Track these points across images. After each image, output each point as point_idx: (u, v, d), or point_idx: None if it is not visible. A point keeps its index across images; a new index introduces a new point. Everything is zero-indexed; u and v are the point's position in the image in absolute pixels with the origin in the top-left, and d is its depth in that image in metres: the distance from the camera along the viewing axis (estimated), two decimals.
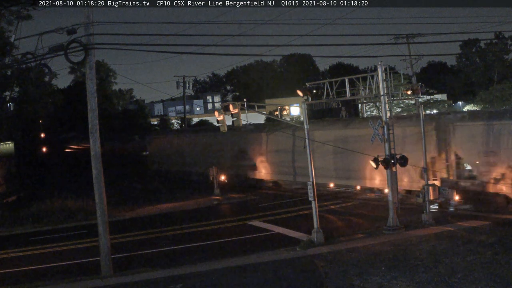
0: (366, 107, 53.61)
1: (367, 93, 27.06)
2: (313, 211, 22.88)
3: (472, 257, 18.45)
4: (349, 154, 31.00)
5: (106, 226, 20.50)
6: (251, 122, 32.54)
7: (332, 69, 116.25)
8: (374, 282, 16.72)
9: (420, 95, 27.67)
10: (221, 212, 34.17)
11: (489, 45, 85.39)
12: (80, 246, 26.26)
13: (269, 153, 40.66)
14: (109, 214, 21.83)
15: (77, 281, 20.00)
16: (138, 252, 24.23)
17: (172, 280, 18.81)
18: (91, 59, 20.09)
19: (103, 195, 20.49)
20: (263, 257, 21.29)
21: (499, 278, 16.07)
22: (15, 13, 38.85)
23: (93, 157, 20.47)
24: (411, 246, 20.79)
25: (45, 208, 34.48)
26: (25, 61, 22.82)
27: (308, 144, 23.44)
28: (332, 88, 26.78)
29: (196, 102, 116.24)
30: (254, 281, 18.14)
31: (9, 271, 22.43)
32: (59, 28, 19.39)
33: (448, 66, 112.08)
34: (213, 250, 23.53)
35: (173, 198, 39.55)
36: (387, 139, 23.78)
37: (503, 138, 26.60)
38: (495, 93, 63.71)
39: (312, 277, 18.02)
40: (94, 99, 20.40)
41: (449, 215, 26.33)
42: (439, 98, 75.22)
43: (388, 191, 24.29)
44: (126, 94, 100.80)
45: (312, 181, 22.99)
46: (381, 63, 24.38)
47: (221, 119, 25.28)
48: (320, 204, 24.92)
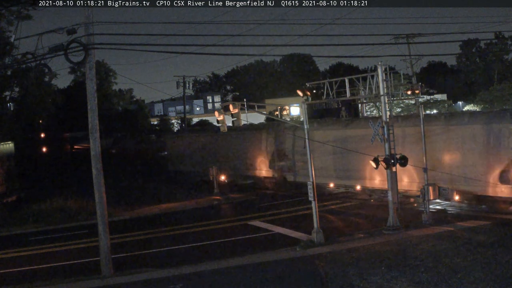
0: (366, 107, 53.60)
1: (367, 93, 27.09)
2: (313, 211, 22.88)
3: (472, 257, 18.45)
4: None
5: (106, 226, 20.51)
6: (252, 122, 32.44)
7: (332, 69, 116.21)
8: (374, 282, 16.72)
9: (420, 95, 27.69)
10: (221, 212, 34.19)
11: (489, 45, 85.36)
12: (80, 246, 26.26)
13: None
14: (109, 214, 21.84)
15: (77, 281, 20.01)
16: (138, 252, 24.24)
17: (172, 280, 18.81)
18: (91, 59, 20.09)
19: (103, 195, 20.49)
20: (263, 257, 21.29)
21: (499, 278, 16.07)
22: (15, 13, 38.88)
23: (93, 157, 20.47)
24: (411, 246, 20.79)
25: (45, 208, 34.49)
26: (25, 61, 22.86)
27: (308, 144, 23.44)
28: (332, 88, 26.84)
29: (196, 102, 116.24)
30: (254, 281, 18.14)
31: (9, 271, 22.45)
32: (59, 28, 19.40)
33: (448, 66, 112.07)
34: (213, 250, 23.53)
35: (173, 198, 39.56)
36: (387, 139, 23.79)
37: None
38: (495, 93, 63.72)
39: (312, 277, 18.02)
40: (94, 99, 20.41)
41: (449, 215, 26.36)
42: (439, 98, 75.22)
43: (388, 191, 24.30)
44: (126, 94, 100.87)
45: (312, 181, 23.00)
46: (381, 63, 24.39)
47: (221, 119, 25.29)
48: (320, 204, 24.92)
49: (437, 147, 27.45)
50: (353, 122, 34.81)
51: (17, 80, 42.99)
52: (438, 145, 27.51)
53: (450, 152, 27.26)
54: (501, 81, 72.66)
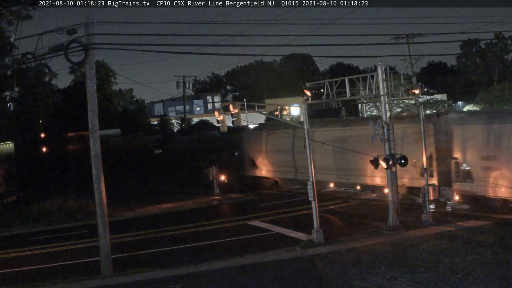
0: (366, 107, 53.60)
1: (367, 93, 27.09)
2: (313, 211, 22.88)
3: (472, 257, 18.46)
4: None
5: (106, 226, 20.50)
6: (252, 122, 32.38)
7: (332, 69, 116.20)
8: (374, 282, 16.72)
9: (420, 95, 27.69)
10: (221, 212, 34.18)
11: (489, 45, 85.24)
12: (80, 246, 26.26)
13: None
14: (109, 214, 21.83)
15: (77, 281, 20.02)
16: (138, 252, 24.24)
17: (172, 280, 18.81)
18: (91, 59, 20.09)
19: (103, 195, 20.49)
20: (263, 257, 21.30)
21: (499, 278, 16.08)
22: (15, 13, 38.82)
23: (93, 157, 20.47)
24: (411, 246, 20.80)
25: (45, 208, 34.48)
26: (25, 61, 22.83)
27: (308, 144, 23.43)
28: (332, 88, 26.85)
29: (196, 102, 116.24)
30: (254, 281, 18.15)
31: (9, 271, 22.45)
32: (59, 28, 19.38)
33: (448, 66, 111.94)
34: (213, 250, 23.53)
35: (173, 198, 39.55)
36: (387, 139, 23.79)
37: None
38: (495, 93, 63.71)
39: (312, 277, 18.03)
40: (94, 99, 20.40)
41: (449, 215, 26.35)
42: (439, 98, 75.20)
43: (388, 191, 24.30)
44: (126, 94, 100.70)
45: (312, 181, 22.99)
46: (381, 63, 24.39)
47: (221, 119, 25.30)
48: (320, 204, 24.92)
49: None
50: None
51: (17, 80, 42.93)
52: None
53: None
54: (501, 81, 72.63)
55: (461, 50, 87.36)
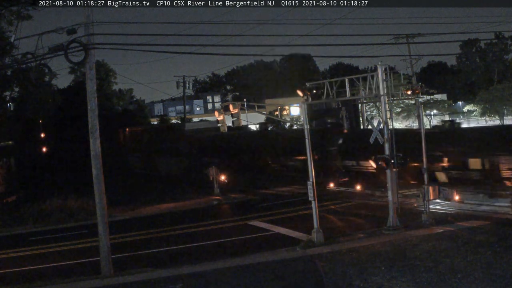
0: (366, 107, 53.64)
1: (367, 93, 27.05)
2: (313, 211, 22.87)
3: (472, 257, 18.45)
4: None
5: (106, 226, 20.50)
6: (251, 122, 32.44)
7: (332, 69, 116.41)
8: (374, 282, 16.72)
9: (420, 95, 27.67)
10: (221, 212, 34.17)
11: (489, 45, 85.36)
12: (80, 246, 26.26)
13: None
14: (109, 214, 21.84)
15: (77, 281, 20.01)
16: (138, 252, 24.24)
17: (172, 280, 18.81)
18: (91, 59, 20.08)
19: (103, 195, 20.49)
20: (263, 257, 21.28)
21: (499, 278, 16.07)
22: (15, 13, 38.83)
23: (93, 157, 20.47)
24: (411, 246, 20.79)
25: (45, 208, 34.47)
26: (25, 61, 22.77)
27: (308, 144, 23.42)
28: (332, 88, 26.78)
29: (196, 102, 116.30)
30: (254, 281, 18.14)
31: (9, 271, 22.44)
32: (59, 28, 19.37)
33: (448, 66, 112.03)
34: (213, 250, 23.53)
35: (173, 198, 39.55)
36: (387, 139, 23.79)
37: None
38: (495, 93, 63.79)
39: (312, 277, 18.02)
40: (94, 99, 20.41)
41: (449, 215, 26.35)
42: (439, 98, 75.26)
43: (388, 191, 24.29)
44: (126, 94, 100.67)
45: (312, 181, 22.98)
46: (381, 63, 24.38)
47: (221, 119, 25.33)
48: (320, 204, 24.92)
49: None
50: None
51: (17, 80, 42.93)
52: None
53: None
54: (501, 81, 72.72)
55: (461, 50, 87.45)
